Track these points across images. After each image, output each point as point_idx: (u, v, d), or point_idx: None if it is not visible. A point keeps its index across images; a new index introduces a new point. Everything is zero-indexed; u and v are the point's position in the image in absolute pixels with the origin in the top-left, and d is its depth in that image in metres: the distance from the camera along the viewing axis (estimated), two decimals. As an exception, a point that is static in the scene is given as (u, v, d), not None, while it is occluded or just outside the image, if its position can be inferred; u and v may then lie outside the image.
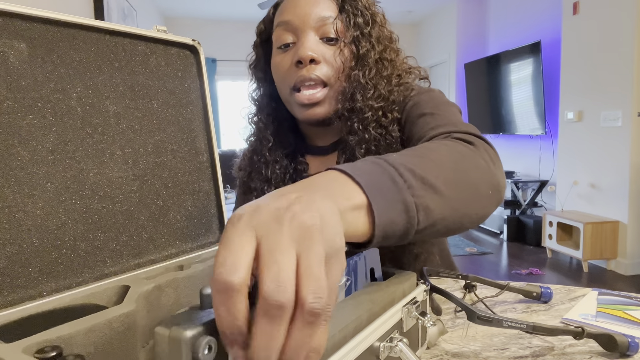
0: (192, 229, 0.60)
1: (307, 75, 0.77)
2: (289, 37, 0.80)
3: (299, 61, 0.77)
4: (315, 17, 0.78)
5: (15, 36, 0.44)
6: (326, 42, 0.79)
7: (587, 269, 3.45)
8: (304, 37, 0.78)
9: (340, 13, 0.79)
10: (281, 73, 0.81)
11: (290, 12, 0.79)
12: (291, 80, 0.79)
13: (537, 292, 0.68)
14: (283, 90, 0.82)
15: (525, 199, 4.49)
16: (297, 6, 0.79)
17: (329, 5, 0.79)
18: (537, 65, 4.14)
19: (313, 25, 0.78)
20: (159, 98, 0.57)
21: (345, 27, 0.78)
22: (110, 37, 0.52)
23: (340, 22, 0.78)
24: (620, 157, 3.31)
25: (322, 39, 0.79)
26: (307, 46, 0.76)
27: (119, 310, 0.40)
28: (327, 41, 0.79)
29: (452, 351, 0.54)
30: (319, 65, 0.77)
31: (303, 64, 0.77)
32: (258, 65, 0.89)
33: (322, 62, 0.78)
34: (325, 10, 0.78)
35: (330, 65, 0.78)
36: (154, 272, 0.51)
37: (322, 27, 0.78)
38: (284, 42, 0.80)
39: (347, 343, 0.36)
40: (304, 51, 0.76)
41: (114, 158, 0.51)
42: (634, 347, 0.51)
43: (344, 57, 0.78)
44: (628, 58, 3.19)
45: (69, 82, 0.48)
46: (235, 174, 0.97)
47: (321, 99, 0.78)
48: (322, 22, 0.78)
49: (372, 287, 0.45)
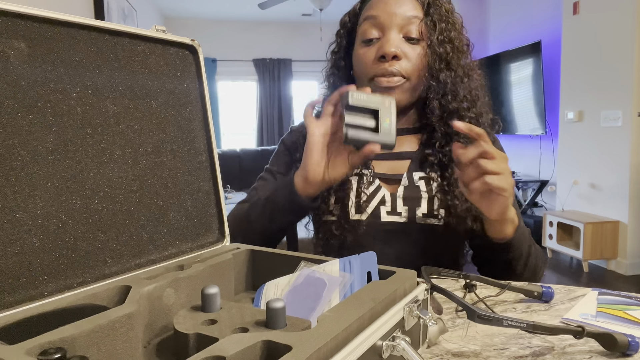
0: (192, 229, 0.60)
1: (388, 69, 0.83)
2: (374, 32, 0.85)
3: (382, 56, 0.83)
4: (401, 16, 0.83)
5: (15, 36, 0.44)
6: (408, 41, 0.84)
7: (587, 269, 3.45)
8: (389, 34, 0.83)
9: (426, 15, 0.84)
10: (363, 64, 0.86)
11: (379, 9, 0.85)
12: (372, 72, 0.85)
13: (539, 291, 0.68)
14: (362, 79, 0.88)
15: (525, 199, 4.49)
16: (386, 3, 0.84)
17: (415, 6, 0.84)
18: (537, 65, 4.14)
19: (398, 23, 0.83)
20: (159, 98, 0.57)
21: (428, 29, 0.84)
22: (109, 36, 0.52)
23: (424, 24, 0.84)
24: (620, 157, 3.30)
25: (405, 38, 0.84)
26: (391, 43, 0.82)
27: (121, 311, 0.40)
28: (409, 40, 0.84)
29: (453, 350, 0.54)
30: (400, 61, 0.83)
31: (386, 59, 0.83)
32: (339, 53, 0.94)
33: (404, 58, 0.83)
34: (411, 10, 0.84)
35: (411, 63, 0.84)
36: (154, 272, 0.51)
37: (406, 26, 0.83)
38: (369, 36, 0.85)
39: (351, 342, 0.36)
40: (389, 47, 0.82)
41: (113, 158, 0.51)
42: (634, 346, 0.51)
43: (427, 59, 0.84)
44: (628, 58, 3.19)
45: (69, 81, 0.48)
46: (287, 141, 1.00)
47: (398, 84, 0.83)
48: (408, 21, 0.83)
49: (374, 286, 0.45)
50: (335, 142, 0.74)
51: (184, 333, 0.39)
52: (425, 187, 0.86)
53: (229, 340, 0.35)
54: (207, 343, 0.35)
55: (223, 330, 0.38)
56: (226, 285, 0.56)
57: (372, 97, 0.69)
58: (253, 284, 0.61)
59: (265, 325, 0.38)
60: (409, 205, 0.85)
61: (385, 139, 0.69)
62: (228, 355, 0.33)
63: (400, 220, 0.85)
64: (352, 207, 0.86)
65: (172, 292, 0.48)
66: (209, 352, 0.33)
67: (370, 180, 0.88)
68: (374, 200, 0.86)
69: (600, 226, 3.35)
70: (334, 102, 0.73)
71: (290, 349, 0.32)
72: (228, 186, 4.26)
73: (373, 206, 0.86)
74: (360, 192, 0.86)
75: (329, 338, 0.34)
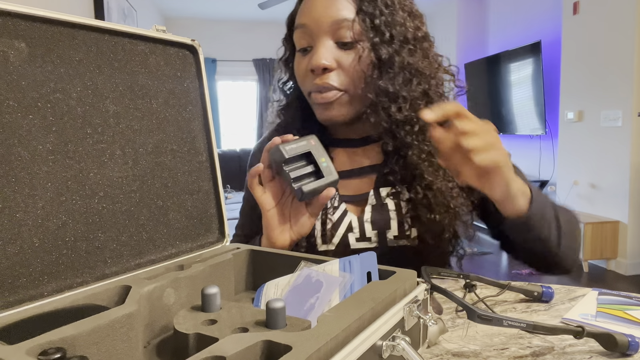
0: (192, 229, 0.60)
1: (320, 83, 0.74)
2: (305, 41, 0.76)
3: (312, 69, 0.75)
4: (329, 21, 0.73)
5: (15, 36, 0.44)
6: (342, 47, 0.74)
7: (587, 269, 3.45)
8: (319, 43, 0.74)
9: (358, 14, 0.73)
10: (300, 77, 0.79)
11: (306, 15, 0.75)
12: (307, 87, 0.78)
13: (539, 291, 0.68)
14: (304, 91, 0.81)
15: (525, 199, 4.48)
16: (312, 8, 0.75)
17: (345, 5, 0.73)
18: (537, 65, 4.14)
19: (327, 29, 0.73)
20: (159, 98, 0.57)
21: (363, 29, 0.73)
22: (109, 36, 0.52)
23: (358, 25, 0.73)
24: (620, 157, 3.30)
25: (338, 44, 0.74)
26: (320, 54, 0.73)
27: (121, 311, 0.40)
28: (343, 46, 0.74)
29: (453, 350, 0.54)
30: (332, 72, 0.74)
31: (316, 72, 0.74)
32: (287, 60, 0.86)
33: (337, 69, 0.74)
34: (341, 11, 0.73)
35: (345, 72, 0.74)
36: (154, 272, 0.51)
37: (337, 31, 0.73)
38: (301, 45, 0.78)
39: (351, 342, 0.36)
40: (316, 60, 0.73)
41: (113, 158, 0.51)
42: (634, 346, 0.51)
43: (364, 63, 0.73)
44: (628, 58, 3.19)
45: (69, 81, 0.48)
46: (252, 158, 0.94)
47: (333, 99, 0.75)
48: (337, 25, 0.73)
49: (374, 286, 0.45)
50: (288, 202, 0.69)
51: (184, 333, 0.39)
52: (394, 204, 0.77)
53: (229, 340, 0.35)
54: (207, 343, 0.35)
55: (223, 330, 0.38)
56: (226, 285, 0.56)
57: (300, 142, 0.66)
58: (253, 284, 0.61)
59: (265, 325, 0.38)
60: (377, 229, 0.77)
61: (332, 178, 0.67)
62: (228, 355, 0.33)
63: (371, 246, 0.77)
64: (319, 238, 0.78)
65: (172, 292, 0.48)
66: (209, 352, 0.33)
67: (335, 205, 0.79)
68: (341, 228, 0.78)
69: (600, 226, 3.35)
70: (268, 164, 0.67)
71: (290, 349, 0.32)
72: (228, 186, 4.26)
73: (340, 235, 0.78)
74: (326, 219, 0.78)
75: (329, 338, 0.34)
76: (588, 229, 3.34)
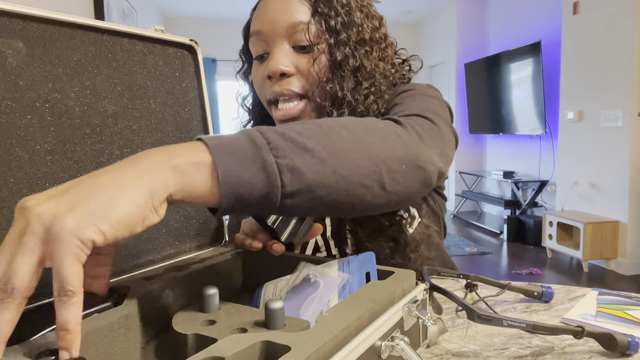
0: (190, 229, 0.60)
1: (279, 90, 0.71)
2: (261, 47, 0.74)
3: (269, 76, 0.71)
4: (284, 25, 0.70)
5: (13, 35, 0.44)
6: (300, 51, 0.72)
7: (587, 269, 3.45)
8: (275, 48, 0.71)
9: (314, 16, 0.71)
10: (257, 86, 0.76)
11: (260, 21, 0.73)
12: (266, 94, 0.74)
13: (539, 291, 0.68)
14: (263, 102, 0.77)
15: (525, 199, 4.49)
16: (266, 13, 0.72)
17: (300, 8, 0.71)
18: (537, 65, 4.14)
19: (283, 33, 0.71)
20: (157, 98, 0.57)
21: (319, 31, 0.71)
22: (108, 36, 0.52)
23: (314, 27, 0.70)
24: (620, 157, 3.30)
25: (295, 47, 0.72)
26: (276, 59, 0.70)
27: (119, 312, 0.40)
28: (301, 49, 0.72)
29: (453, 350, 0.54)
30: (291, 78, 0.71)
31: (274, 79, 0.71)
32: (245, 72, 0.83)
33: (296, 74, 0.72)
34: (295, 14, 0.70)
35: (304, 77, 0.71)
36: (152, 272, 0.51)
37: (293, 35, 0.71)
38: (257, 53, 0.75)
39: (349, 342, 0.36)
40: (273, 65, 0.70)
41: (112, 158, 0.51)
42: (634, 346, 0.51)
43: (319, 66, 0.71)
44: (628, 58, 3.18)
45: (67, 81, 0.48)
46: None
47: (297, 114, 0.72)
48: (293, 28, 0.70)
49: (372, 286, 0.45)
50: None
51: (182, 334, 0.39)
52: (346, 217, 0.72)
53: (228, 341, 0.35)
54: (205, 343, 0.35)
55: (222, 330, 0.38)
56: (225, 285, 0.56)
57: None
58: (252, 285, 0.61)
59: (264, 326, 0.38)
60: (338, 245, 0.75)
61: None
62: (227, 356, 0.32)
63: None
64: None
65: (170, 292, 0.48)
66: (209, 353, 0.33)
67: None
68: (309, 249, 0.76)
69: (600, 226, 3.35)
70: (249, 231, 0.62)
71: (289, 349, 0.32)
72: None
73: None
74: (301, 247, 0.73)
75: (328, 338, 0.34)
76: (588, 229, 3.34)
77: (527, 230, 4.25)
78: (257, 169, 0.39)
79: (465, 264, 3.72)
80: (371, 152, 0.47)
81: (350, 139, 0.46)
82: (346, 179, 0.44)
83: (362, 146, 0.46)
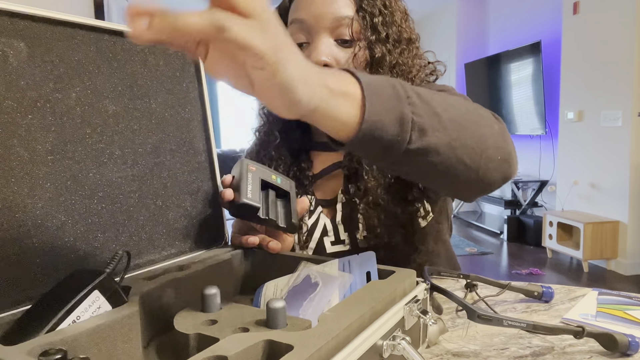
0: (191, 229, 0.60)
1: None
2: (302, 37, 0.75)
3: None
4: (330, 18, 0.72)
5: (14, 36, 0.44)
6: (341, 45, 0.74)
7: (587, 269, 3.45)
8: (318, 40, 0.73)
9: (358, 12, 0.73)
10: None
11: (305, 10, 0.74)
12: None
13: (539, 291, 0.68)
14: None
15: (525, 199, 4.49)
16: (312, 3, 0.74)
17: (346, 2, 0.73)
18: (537, 65, 4.14)
19: (327, 26, 0.73)
20: (158, 98, 0.57)
21: (362, 27, 0.73)
22: (109, 36, 0.52)
23: (357, 23, 0.73)
24: (620, 157, 3.30)
25: (337, 41, 0.74)
26: (320, 50, 0.72)
27: (121, 312, 0.40)
28: (342, 43, 0.74)
29: (453, 350, 0.54)
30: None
31: None
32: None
33: (336, 67, 0.73)
34: (341, 9, 0.73)
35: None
36: (153, 272, 0.51)
37: (337, 29, 0.73)
38: (296, 41, 0.75)
39: (351, 342, 0.36)
40: (316, 56, 0.72)
41: (113, 158, 0.51)
42: (634, 346, 0.51)
43: (358, 61, 0.73)
44: (628, 58, 3.18)
45: (68, 81, 0.48)
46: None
47: None
48: (338, 22, 0.72)
49: (373, 285, 0.45)
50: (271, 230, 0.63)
51: (184, 333, 0.39)
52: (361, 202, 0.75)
53: (230, 340, 0.35)
54: (207, 343, 0.35)
55: (223, 330, 0.38)
56: (226, 285, 0.56)
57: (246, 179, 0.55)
58: (253, 284, 0.61)
59: (265, 325, 0.38)
60: (348, 230, 0.77)
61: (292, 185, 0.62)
62: (230, 355, 0.33)
63: (345, 249, 0.77)
64: (296, 245, 0.78)
65: (171, 292, 0.48)
66: (211, 352, 0.33)
67: (311, 209, 0.79)
68: (316, 232, 0.78)
69: (600, 226, 3.35)
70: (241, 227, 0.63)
71: (292, 348, 0.32)
72: (228, 186, 4.25)
73: (316, 239, 0.78)
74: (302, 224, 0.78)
75: (330, 337, 0.34)
76: (588, 229, 3.34)
77: (527, 230, 4.25)
78: (394, 117, 0.41)
79: (466, 264, 3.72)
80: (481, 135, 0.48)
81: (468, 117, 0.48)
82: (455, 152, 0.45)
83: (476, 128, 0.48)
